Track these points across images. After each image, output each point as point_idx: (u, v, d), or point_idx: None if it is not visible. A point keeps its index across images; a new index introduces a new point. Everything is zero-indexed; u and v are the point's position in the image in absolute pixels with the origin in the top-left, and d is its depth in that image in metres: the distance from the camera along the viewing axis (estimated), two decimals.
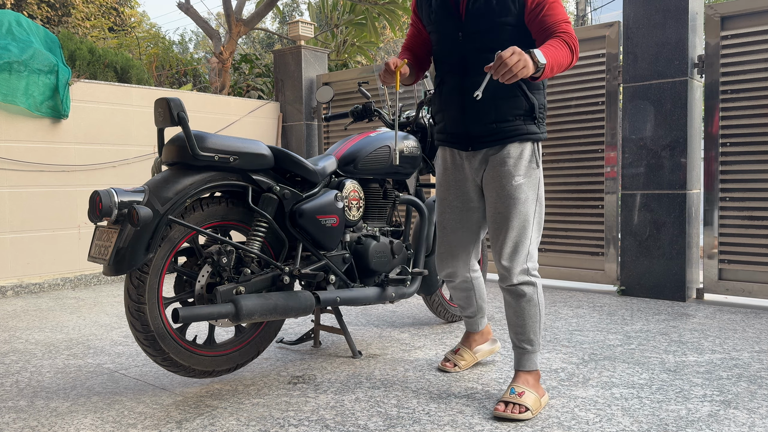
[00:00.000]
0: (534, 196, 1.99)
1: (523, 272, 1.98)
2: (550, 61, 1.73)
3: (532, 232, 1.98)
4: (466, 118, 2.00)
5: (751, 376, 2.34)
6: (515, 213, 1.96)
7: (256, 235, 2.26)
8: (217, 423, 1.94)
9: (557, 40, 1.80)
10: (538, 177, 2.00)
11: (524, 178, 1.97)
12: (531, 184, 1.98)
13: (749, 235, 3.68)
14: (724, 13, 3.72)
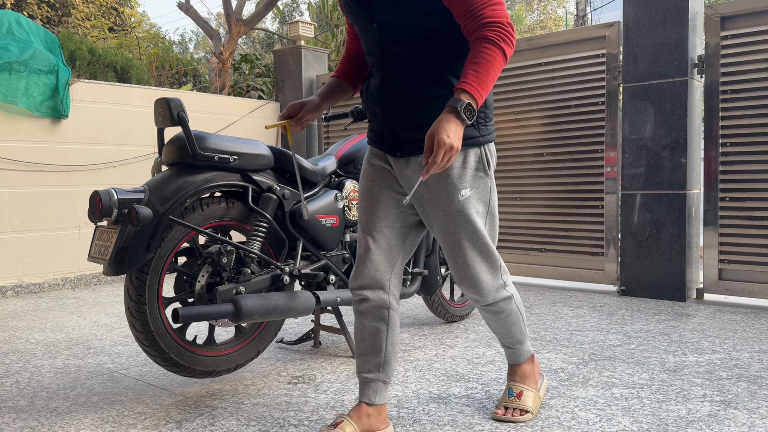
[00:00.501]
0: (484, 208, 1.71)
1: (500, 288, 1.78)
2: (482, 91, 1.46)
3: (489, 245, 1.73)
4: (392, 119, 1.69)
5: (751, 376, 2.34)
6: (468, 231, 1.69)
7: (256, 235, 2.26)
8: (217, 423, 1.94)
9: (482, 46, 1.48)
10: (489, 186, 1.72)
11: (471, 189, 1.68)
12: (480, 196, 1.70)
13: (749, 235, 3.68)
14: (724, 13, 3.72)
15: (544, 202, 4.48)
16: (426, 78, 1.63)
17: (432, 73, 1.63)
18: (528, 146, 4.56)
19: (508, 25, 1.51)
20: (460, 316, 3.26)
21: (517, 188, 4.62)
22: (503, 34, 1.49)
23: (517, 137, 4.62)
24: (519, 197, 4.61)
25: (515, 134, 4.63)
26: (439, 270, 2.96)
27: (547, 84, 4.45)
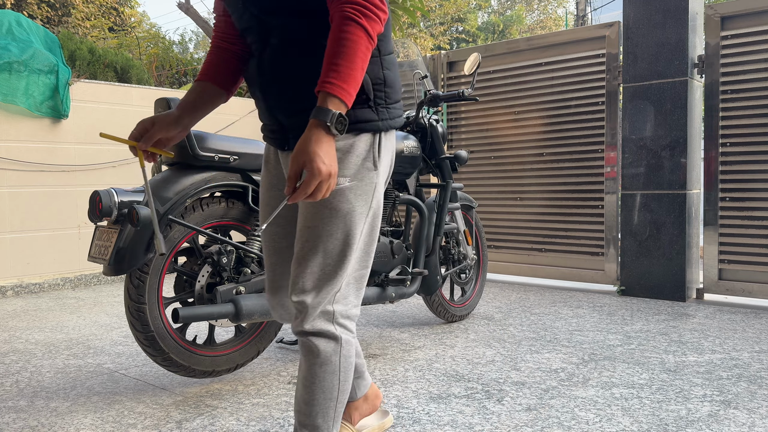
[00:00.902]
0: (365, 209, 1.32)
1: (325, 316, 1.32)
2: (350, 89, 1.17)
3: (351, 260, 1.33)
4: (269, 104, 1.39)
5: (751, 376, 2.34)
6: (331, 229, 1.30)
7: (256, 235, 2.26)
8: (217, 423, 1.94)
9: (339, 30, 1.18)
10: (374, 183, 1.33)
11: (353, 180, 1.30)
12: (362, 192, 1.31)
13: (749, 235, 3.68)
14: (724, 13, 3.72)
15: (544, 202, 4.48)
16: (305, 54, 1.31)
17: (312, 48, 1.30)
18: (528, 146, 4.56)
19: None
20: (460, 316, 3.26)
21: (517, 188, 4.62)
22: (362, 7, 1.18)
23: (517, 137, 4.62)
24: (519, 197, 4.61)
25: (515, 134, 4.63)
26: (439, 270, 2.96)
27: (547, 84, 4.45)
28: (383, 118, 1.34)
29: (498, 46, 4.69)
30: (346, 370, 1.36)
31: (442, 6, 19.06)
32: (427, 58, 5.12)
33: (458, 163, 3.02)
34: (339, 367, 1.35)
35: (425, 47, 15.76)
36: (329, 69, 1.16)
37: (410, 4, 7.52)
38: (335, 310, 1.33)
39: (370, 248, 1.37)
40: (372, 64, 1.31)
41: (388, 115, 1.35)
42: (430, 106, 2.98)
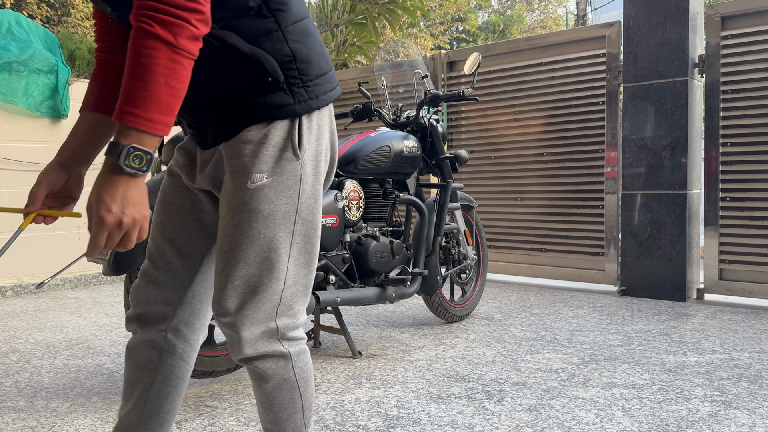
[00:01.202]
0: (291, 206, 1.13)
1: (268, 336, 1.14)
2: (151, 114, 0.95)
3: (283, 268, 1.13)
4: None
5: (752, 376, 2.34)
6: (251, 235, 1.11)
7: None
8: (217, 423, 1.94)
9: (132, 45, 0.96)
10: (299, 175, 1.13)
11: (271, 176, 1.11)
12: (284, 187, 1.12)
13: (750, 235, 3.67)
14: (725, 13, 3.72)
15: (544, 202, 4.47)
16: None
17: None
18: (528, 146, 4.56)
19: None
20: (460, 316, 3.26)
21: (517, 188, 4.62)
22: (156, 12, 0.95)
23: (517, 137, 4.61)
24: (519, 197, 4.60)
25: (515, 134, 4.62)
26: (439, 270, 2.96)
27: (548, 84, 4.44)
28: (301, 99, 1.13)
29: (498, 46, 4.69)
30: (305, 380, 1.20)
31: (442, 6, 19.06)
32: (427, 57, 5.12)
33: (458, 163, 3.02)
34: (296, 382, 1.19)
35: (425, 47, 15.76)
36: (122, 95, 0.96)
37: (410, 4, 7.52)
38: (279, 326, 1.14)
39: (310, 248, 1.18)
40: (273, 40, 1.10)
41: (308, 95, 1.14)
42: (430, 106, 2.98)
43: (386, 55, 3.35)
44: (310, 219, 1.17)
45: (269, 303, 1.13)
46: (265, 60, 1.09)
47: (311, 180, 1.16)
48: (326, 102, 1.17)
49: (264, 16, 1.09)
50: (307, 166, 1.15)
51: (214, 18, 1.05)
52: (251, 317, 1.12)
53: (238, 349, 1.13)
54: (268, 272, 1.12)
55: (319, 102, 1.15)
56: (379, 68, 3.28)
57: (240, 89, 1.10)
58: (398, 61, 3.29)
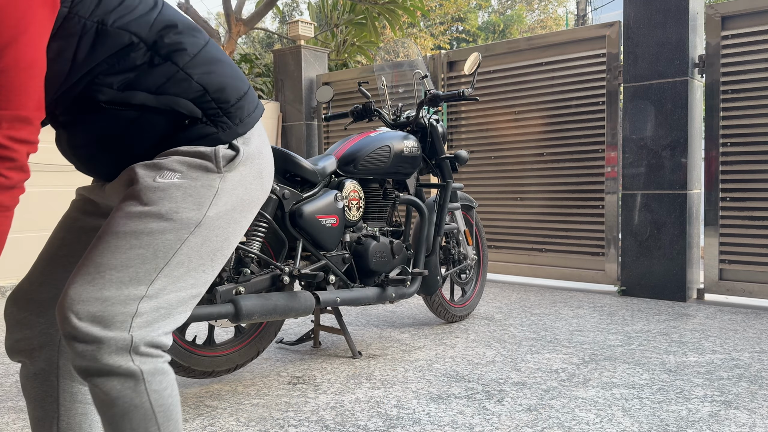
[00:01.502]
0: (195, 214, 1.01)
1: (116, 347, 0.94)
2: None
3: (155, 275, 0.98)
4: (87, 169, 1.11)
5: (752, 376, 2.34)
6: (135, 226, 0.97)
7: (256, 235, 2.26)
8: (217, 423, 1.94)
9: None
10: (215, 188, 1.04)
11: (182, 177, 1.01)
12: (193, 193, 1.01)
13: (750, 235, 3.67)
14: (725, 13, 3.72)
15: (544, 202, 4.47)
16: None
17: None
18: (528, 146, 4.56)
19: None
20: (460, 317, 3.26)
21: (517, 188, 4.62)
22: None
23: (517, 137, 4.61)
24: (519, 197, 4.60)
25: (515, 134, 4.62)
26: (439, 270, 2.96)
27: (548, 84, 4.44)
28: (225, 127, 1.06)
29: (498, 46, 4.69)
30: (165, 409, 0.99)
31: (442, 6, 19.07)
32: (427, 57, 5.12)
33: (458, 163, 3.01)
34: (152, 408, 0.98)
35: (425, 47, 15.77)
36: None
37: (410, 4, 7.52)
38: (134, 336, 0.95)
39: (195, 269, 1.02)
40: (178, 82, 1.02)
41: (232, 121, 1.07)
42: (430, 106, 2.98)
43: (386, 55, 3.35)
44: (212, 240, 1.04)
45: (120, 306, 0.95)
46: (177, 104, 1.03)
47: (230, 202, 1.06)
48: (252, 124, 1.10)
49: (158, 65, 1.01)
50: (227, 184, 1.05)
51: (108, 84, 1.00)
52: (101, 320, 0.93)
53: (78, 356, 0.94)
54: (133, 270, 0.96)
55: (245, 126, 1.09)
56: (379, 68, 3.28)
57: (161, 138, 1.04)
58: (398, 61, 3.29)
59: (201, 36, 1.09)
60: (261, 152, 1.12)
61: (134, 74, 1.00)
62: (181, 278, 1.01)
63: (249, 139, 1.10)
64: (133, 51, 1.00)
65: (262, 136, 1.15)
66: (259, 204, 1.14)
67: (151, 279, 0.98)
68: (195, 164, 1.03)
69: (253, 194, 1.11)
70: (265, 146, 1.15)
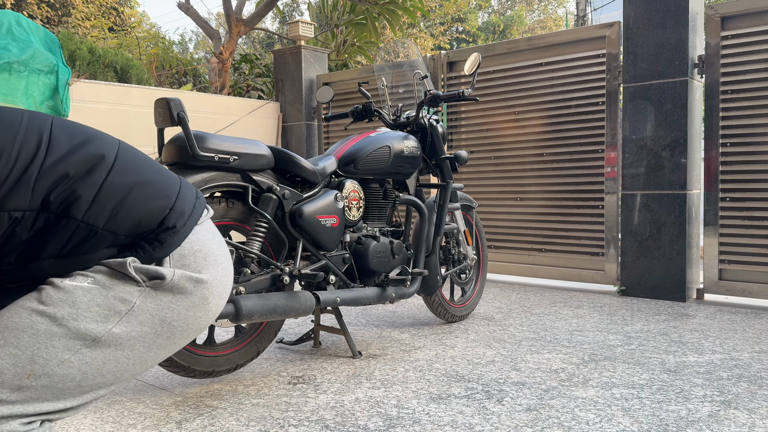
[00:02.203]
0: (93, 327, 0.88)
1: None
2: None
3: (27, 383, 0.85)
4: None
5: (752, 376, 2.34)
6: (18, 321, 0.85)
7: (256, 235, 2.26)
8: (217, 423, 1.94)
9: None
10: (132, 302, 0.91)
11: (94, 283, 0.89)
12: (101, 302, 0.89)
13: (749, 235, 3.67)
14: (725, 13, 3.72)
15: (544, 202, 4.48)
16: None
17: None
18: (528, 146, 4.56)
19: None
20: (460, 317, 3.26)
21: (517, 188, 4.62)
22: None
23: (517, 137, 4.62)
24: (519, 197, 4.61)
25: (515, 134, 4.63)
26: (439, 270, 2.96)
27: (547, 84, 4.45)
28: (143, 252, 0.94)
29: (498, 46, 4.69)
30: None
31: (442, 6, 19.07)
32: (427, 58, 5.12)
33: (458, 163, 3.02)
34: None
35: (425, 47, 15.77)
36: None
37: (410, 4, 7.52)
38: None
39: (106, 385, 0.92)
40: (81, 237, 0.89)
41: (152, 248, 0.94)
42: (430, 106, 2.98)
43: (386, 55, 3.35)
44: (119, 361, 0.91)
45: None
46: (88, 261, 0.91)
47: (150, 324, 0.92)
48: (178, 242, 0.96)
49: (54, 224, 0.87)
50: (150, 302, 0.92)
51: (6, 263, 0.88)
52: None
53: None
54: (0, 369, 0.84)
55: (167, 248, 0.94)
56: (379, 68, 3.29)
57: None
58: (398, 61, 3.29)
59: (103, 163, 0.91)
60: (206, 278, 0.97)
61: (31, 244, 0.87)
62: (67, 392, 0.88)
63: (185, 256, 0.96)
64: (18, 226, 0.84)
65: (209, 246, 0.99)
66: (198, 330, 0.99)
67: (19, 385, 0.84)
68: (112, 273, 0.90)
69: (190, 323, 0.96)
70: (217, 260, 0.99)
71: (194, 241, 0.98)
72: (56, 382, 0.86)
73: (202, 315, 0.97)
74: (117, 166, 0.92)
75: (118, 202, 0.90)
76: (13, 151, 0.83)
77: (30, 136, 0.85)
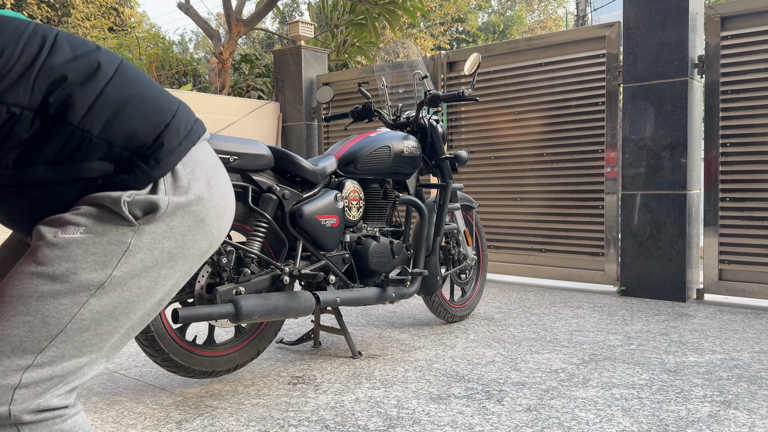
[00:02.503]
0: (97, 276, 0.89)
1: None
2: None
3: (46, 343, 0.87)
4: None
5: (752, 376, 2.34)
6: (25, 289, 0.86)
7: (256, 235, 2.26)
8: (217, 423, 1.94)
9: None
10: (126, 243, 0.91)
11: (86, 232, 0.89)
12: (97, 251, 0.89)
13: (749, 235, 3.67)
14: (724, 13, 3.72)
15: (544, 202, 4.48)
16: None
17: None
18: (528, 146, 4.56)
19: None
20: (460, 317, 3.26)
21: (517, 188, 4.62)
22: None
23: (517, 137, 4.62)
24: (519, 197, 4.61)
25: (515, 134, 4.63)
26: (439, 270, 2.96)
27: (547, 84, 4.45)
28: (139, 172, 0.92)
29: (498, 46, 4.69)
30: None
31: (442, 6, 19.07)
32: (427, 58, 5.12)
33: (458, 164, 3.02)
34: None
35: (425, 47, 15.77)
36: None
37: (410, 4, 7.52)
38: (13, 410, 0.86)
39: (122, 326, 0.93)
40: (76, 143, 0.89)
41: (148, 165, 0.92)
42: (430, 106, 2.98)
43: (386, 55, 3.35)
44: (128, 300, 0.92)
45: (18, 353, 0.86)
46: (83, 171, 0.90)
47: (149, 259, 0.92)
48: (175, 161, 0.94)
49: (50, 128, 0.87)
50: (145, 238, 0.91)
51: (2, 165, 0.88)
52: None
53: None
54: (17, 339, 0.86)
55: (164, 167, 0.93)
56: (379, 69, 3.29)
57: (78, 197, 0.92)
58: (398, 61, 3.29)
59: (101, 73, 0.92)
60: (202, 196, 0.96)
61: (27, 147, 0.88)
62: (87, 343, 0.91)
63: (179, 179, 0.94)
64: (16, 123, 0.86)
65: (205, 166, 0.99)
66: (202, 254, 1.00)
67: (41, 348, 0.87)
68: (103, 216, 0.90)
69: (189, 246, 0.96)
70: (211, 181, 0.99)
71: (190, 161, 0.97)
72: (74, 337, 0.89)
73: (201, 238, 0.97)
74: (116, 79, 0.93)
75: (114, 112, 0.91)
76: (17, 49, 0.86)
77: (34, 39, 0.89)
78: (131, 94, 0.93)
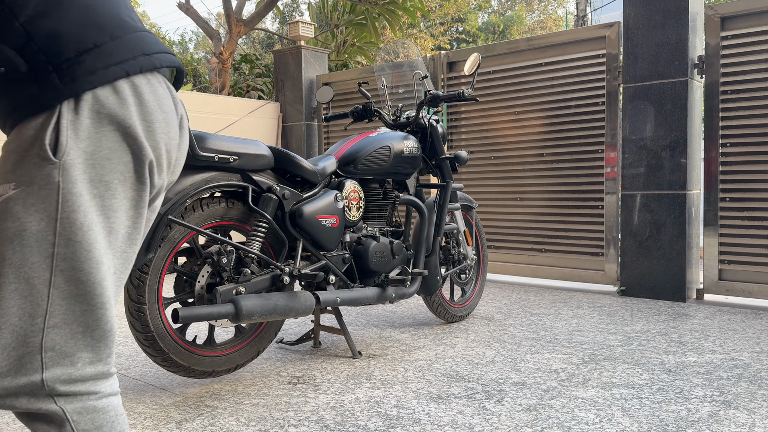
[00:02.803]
0: (45, 224, 0.86)
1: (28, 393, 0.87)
2: None
3: (46, 303, 0.86)
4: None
5: (751, 376, 2.34)
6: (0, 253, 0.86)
7: (256, 236, 2.26)
8: (217, 423, 1.94)
9: None
10: (56, 182, 0.85)
11: (17, 186, 0.86)
12: (36, 200, 0.85)
13: (749, 235, 3.68)
14: (724, 13, 3.72)
15: (544, 202, 4.48)
16: None
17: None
18: (528, 146, 4.56)
19: None
20: (460, 317, 3.26)
21: (517, 188, 4.62)
22: None
23: (517, 137, 4.62)
24: (519, 197, 4.61)
25: (515, 134, 4.63)
26: (439, 270, 2.97)
27: (547, 84, 4.45)
28: (50, 87, 0.85)
29: (498, 47, 4.69)
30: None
31: (442, 6, 19.07)
32: (427, 58, 5.12)
33: (458, 164, 3.02)
34: None
35: (425, 47, 15.77)
36: None
37: (410, 4, 7.52)
38: (46, 378, 0.86)
39: (83, 277, 0.88)
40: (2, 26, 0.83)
41: (61, 80, 0.84)
42: (430, 106, 2.99)
43: (386, 55, 3.35)
44: (78, 239, 0.87)
45: (22, 348, 0.86)
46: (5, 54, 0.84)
47: (81, 188, 0.87)
48: (94, 83, 0.86)
49: None
50: (72, 171, 0.86)
51: None
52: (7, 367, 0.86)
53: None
54: (19, 309, 0.85)
55: (78, 85, 0.85)
56: (379, 69, 3.29)
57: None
58: (398, 61, 3.29)
59: None
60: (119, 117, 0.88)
61: None
62: (73, 295, 0.88)
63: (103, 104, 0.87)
64: None
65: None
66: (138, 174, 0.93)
67: (44, 309, 0.86)
68: (25, 159, 0.85)
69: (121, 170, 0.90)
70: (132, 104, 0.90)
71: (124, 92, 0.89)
72: (67, 289, 0.87)
73: (128, 159, 0.90)
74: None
75: (49, 5, 0.84)
76: None
77: None
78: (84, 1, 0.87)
